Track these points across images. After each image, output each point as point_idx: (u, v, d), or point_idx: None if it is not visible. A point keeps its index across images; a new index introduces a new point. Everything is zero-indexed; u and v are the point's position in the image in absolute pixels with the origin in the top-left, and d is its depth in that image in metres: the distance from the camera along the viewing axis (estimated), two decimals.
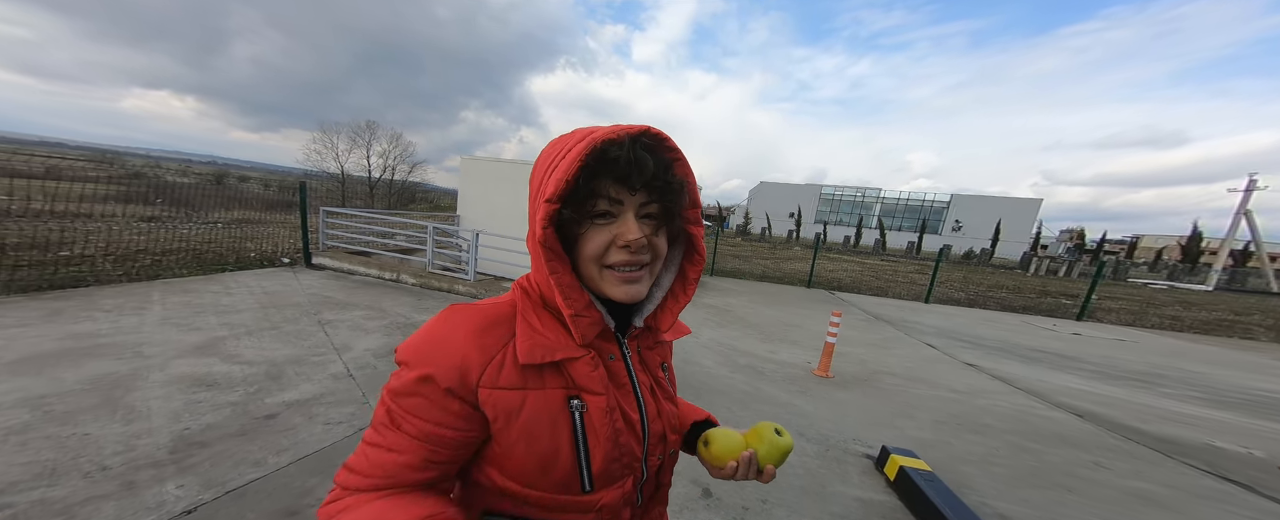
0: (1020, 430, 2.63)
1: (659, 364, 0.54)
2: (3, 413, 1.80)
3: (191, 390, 2.15)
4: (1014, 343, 5.24)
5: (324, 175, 18.40)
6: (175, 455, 1.65)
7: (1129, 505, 1.91)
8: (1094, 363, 4.55)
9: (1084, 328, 6.86)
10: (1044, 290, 11.95)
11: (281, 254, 5.63)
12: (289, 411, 2.05)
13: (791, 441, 0.52)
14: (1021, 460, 2.25)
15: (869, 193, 40.14)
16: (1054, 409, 3.06)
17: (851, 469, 2.03)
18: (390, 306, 4.03)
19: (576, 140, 0.40)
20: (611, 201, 0.41)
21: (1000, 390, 3.39)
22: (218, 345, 2.73)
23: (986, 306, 8.40)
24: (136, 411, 1.91)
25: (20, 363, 2.23)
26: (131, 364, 2.35)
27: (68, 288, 3.56)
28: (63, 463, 1.54)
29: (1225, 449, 2.58)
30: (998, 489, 1.94)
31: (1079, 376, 3.97)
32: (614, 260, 0.42)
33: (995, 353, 4.62)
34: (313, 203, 6.05)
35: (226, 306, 3.54)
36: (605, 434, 0.44)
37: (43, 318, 2.88)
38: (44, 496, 1.38)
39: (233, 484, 1.53)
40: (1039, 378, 3.81)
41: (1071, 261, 22.57)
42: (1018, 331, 6.02)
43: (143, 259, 4.63)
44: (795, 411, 2.62)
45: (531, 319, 0.45)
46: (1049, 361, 4.45)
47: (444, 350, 0.41)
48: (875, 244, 29.62)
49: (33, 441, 1.64)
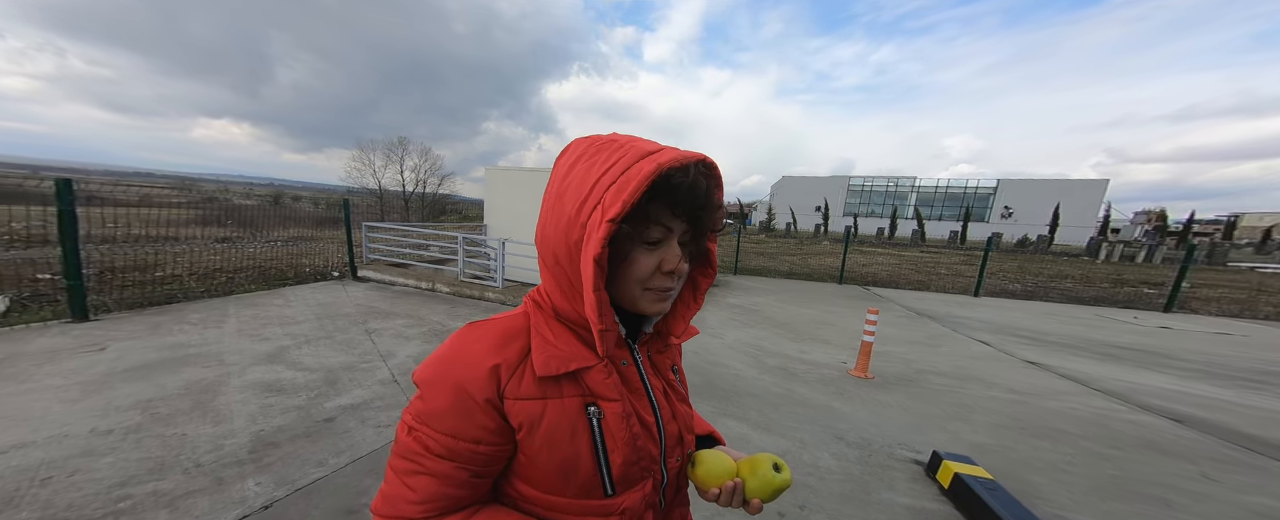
0: (1099, 436, 2.34)
1: (669, 367, 0.55)
2: (122, 414, 2.07)
3: (264, 395, 2.37)
4: (1086, 338, 4.68)
5: (364, 191, 19.89)
6: (254, 455, 1.82)
7: None
8: (1191, 360, 3.97)
9: (1174, 320, 6.03)
10: (1119, 278, 10.61)
11: (331, 268, 6.14)
12: (344, 415, 2.21)
13: (789, 479, 0.50)
14: (1102, 469, 2.00)
15: (903, 182, 37.69)
16: (1141, 412, 2.70)
17: (898, 475, 1.89)
18: (427, 315, 4.27)
19: (637, 157, 0.39)
20: (663, 229, 0.42)
21: (1072, 391, 3.04)
22: (283, 354, 3.00)
23: (1048, 298, 7.58)
24: (222, 414, 2.13)
25: (133, 370, 2.56)
26: (216, 371, 2.63)
27: (163, 304, 4.06)
28: (168, 459, 1.75)
29: None
30: (1075, 500, 1.74)
31: (1172, 376, 3.48)
32: (655, 285, 0.44)
33: (1062, 349, 4.16)
34: (355, 218, 6.55)
35: (288, 318, 3.90)
36: (623, 438, 0.45)
37: (147, 330, 3.29)
38: (155, 489, 1.57)
39: (300, 482, 1.67)
40: (1120, 377, 3.38)
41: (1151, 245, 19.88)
42: (1089, 325, 5.38)
43: (219, 276, 5.20)
44: (833, 414, 2.49)
45: (545, 332, 0.46)
46: (1132, 359, 3.93)
47: (466, 364, 0.43)
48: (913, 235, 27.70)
49: (145, 440, 1.87)
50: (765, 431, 2.23)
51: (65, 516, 1.41)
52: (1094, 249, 20.67)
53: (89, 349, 2.85)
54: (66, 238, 3.29)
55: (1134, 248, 19.90)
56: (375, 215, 15.37)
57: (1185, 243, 7.67)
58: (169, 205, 6.27)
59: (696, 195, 0.41)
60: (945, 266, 11.66)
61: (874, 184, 38.69)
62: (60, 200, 3.25)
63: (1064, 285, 9.16)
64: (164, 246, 5.78)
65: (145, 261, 5.00)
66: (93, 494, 1.52)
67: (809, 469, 1.91)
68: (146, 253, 5.22)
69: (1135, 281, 10.07)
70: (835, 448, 2.11)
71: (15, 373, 2.42)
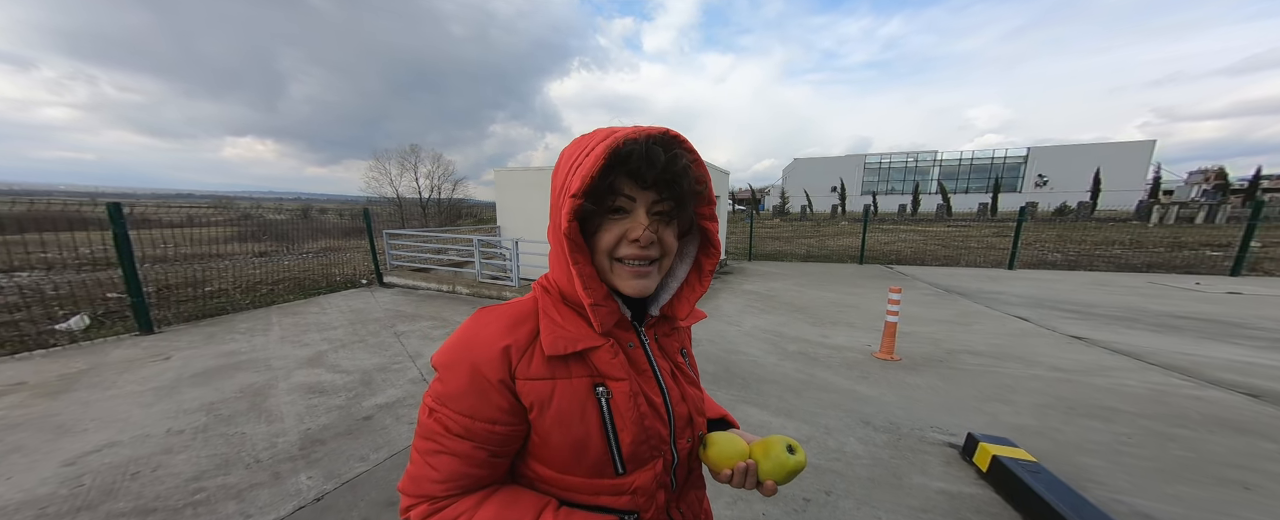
0: (1159, 414, 2.17)
1: (677, 350, 0.55)
2: (190, 416, 2.27)
3: (309, 396, 2.53)
4: (1140, 308, 4.34)
5: (383, 200, 20.63)
6: (304, 451, 1.96)
7: None
8: (1266, 328, 3.62)
9: (1244, 284, 5.49)
10: (1177, 242, 9.74)
11: (360, 276, 6.43)
12: (381, 413, 2.33)
13: (803, 460, 0.50)
14: (1166, 450, 1.85)
15: (923, 156, 35.75)
16: (1208, 387, 2.49)
17: (932, 459, 1.83)
18: (450, 315, 4.42)
19: (599, 139, 0.42)
20: (626, 198, 0.43)
21: (1125, 366, 2.83)
22: (323, 358, 3.18)
23: (1094, 267, 7.07)
24: (274, 414, 2.29)
25: (196, 376, 2.79)
26: (265, 375, 2.82)
27: (215, 315, 4.38)
28: (232, 456, 1.91)
29: None
30: (1134, 483, 1.62)
31: (1245, 347, 3.18)
32: (624, 254, 0.45)
33: (1113, 322, 3.87)
34: (377, 227, 6.80)
35: (325, 324, 4.12)
36: (631, 417, 0.47)
37: (203, 340, 3.57)
38: (223, 482, 1.72)
39: (346, 476, 1.78)
40: (1181, 350, 3.12)
41: (1212, 205, 18.09)
42: (1143, 295, 4.97)
43: (261, 288, 5.56)
44: (857, 397, 2.42)
45: (553, 314, 0.48)
46: (1195, 329, 3.62)
47: (480, 346, 0.45)
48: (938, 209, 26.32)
49: (212, 440, 2.04)
50: (787, 418, 2.20)
51: (153, 506, 1.57)
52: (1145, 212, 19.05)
53: (156, 358, 3.11)
54: (124, 258, 3.58)
55: (1191, 209, 18.21)
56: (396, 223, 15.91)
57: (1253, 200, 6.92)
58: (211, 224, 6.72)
59: (653, 163, 0.41)
60: (976, 240, 11.03)
61: (892, 161, 36.91)
62: (114, 224, 3.53)
63: (1112, 252, 8.48)
64: (210, 263, 6.22)
65: (196, 278, 5.40)
66: (173, 487, 1.69)
67: (834, 455, 1.87)
68: (196, 269, 5.63)
69: (1195, 244, 9.21)
70: (861, 432, 2.06)
71: (100, 380, 2.68)
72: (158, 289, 4.88)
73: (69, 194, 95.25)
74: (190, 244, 5.77)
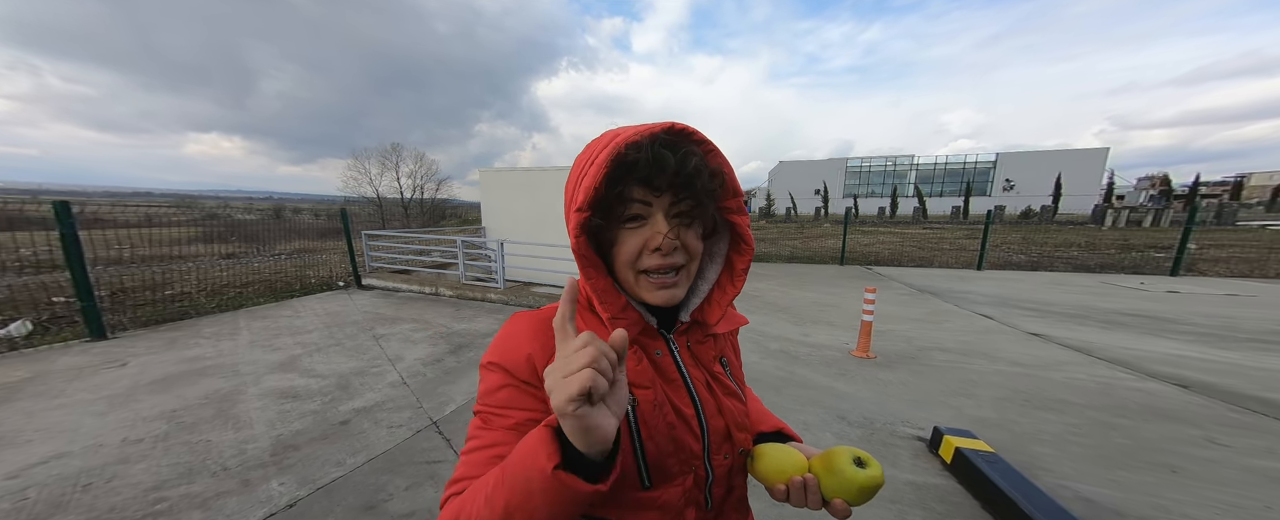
0: (1105, 405, 2.35)
1: (713, 358, 0.51)
2: (149, 424, 2.16)
3: (280, 401, 2.44)
4: (1091, 306, 4.67)
5: (362, 200, 19.90)
6: (275, 457, 1.90)
7: (1259, 488, 1.64)
8: (1197, 323, 3.96)
9: (1182, 283, 5.97)
10: (1126, 244, 10.49)
11: (337, 278, 6.20)
12: (358, 417, 2.27)
13: (879, 475, 0.42)
14: (1109, 438, 2.02)
15: (901, 160, 37.28)
16: (1147, 379, 2.71)
17: (901, 452, 1.93)
18: (433, 318, 4.32)
19: (602, 146, 0.40)
20: (640, 205, 0.41)
21: (1076, 361, 3.05)
22: (296, 362, 3.06)
23: (1053, 268, 7.53)
24: (242, 421, 2.21)
25: (155, 383, 2.64)
26: (233, 381, 2.70)
27: (176, 320, 4.14)
28: (196, 464, 1.83)
29: None
30: (1079, 470, 1.76)
31: (1180, 341, 3.48)
32: (648, 265, 0.42)
33: (1067, 319, 4.15)
34: (356, 227, 6.57)
35: (298, 328, 3.96)
36: (657, 427, 0.45)
37: (163, 346, 3.37)
38: (187, 491, 1.65)
39: (321, 482, 1.74)
40: (1125, 345, 3.38)
41: (1158, 210, 19.59)
42: (1095, 293, 5.35)
43: (228, 291, 5.28)
44: (834, 394, 2.52)
45: (577, 321, 0.47)
46: (1138, 325, 3.92)
47: (513, 348, 0.45)
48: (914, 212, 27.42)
49: (173, 448, 1.95)
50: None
51: (108, 518, 1.49)
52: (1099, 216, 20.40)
53: (111, 365, 2.93)
54: (72, 260, 3.35)
55: (1140, 213, 19.64)
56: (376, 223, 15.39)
57: (1191, 204, 7.54)
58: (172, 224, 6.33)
59: (662, 167, 0.39)
60: (948, 242, 11.58)
61: (872, 164, 38.30)
62: (61, 223, 3.30)
63: (1070, 254, 9.07)
64: (171, 265, 5.86)
65: (155, 281, 5.08)
66: (131, 498, 1.60)
67: None
68: (155, 272, 5.29)
69: (1142, 246, 9.95)
70: (838, 428, 2.15)
71: (46, 389, 2.50)
72: (112, 293, 4.57)
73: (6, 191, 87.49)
74: (148, 245, 5.42)
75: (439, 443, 2.06)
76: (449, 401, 2.48)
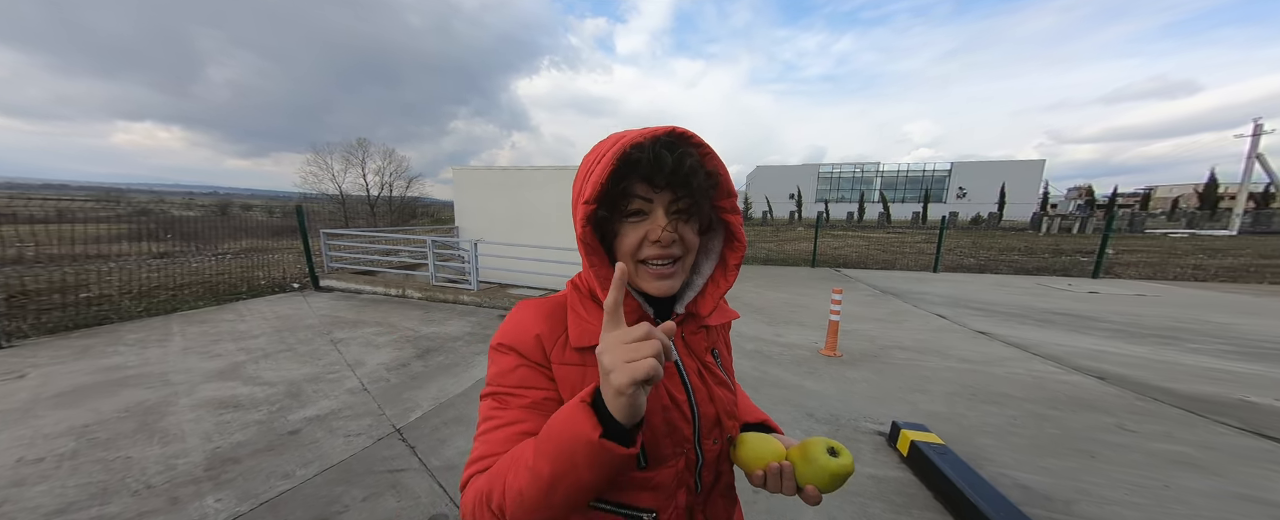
0: (1038, 398, 2.59)
1: (706, 349, 0.54)
2: (52, 441, 1.91)
3: (219, 412, 2.24)
4: (1028, 306, 5.14)
5: (323, 197, 18.59)
6: (211, 472, 1.74)
7: (1161, 469, 1.85)
8: (1114, 321, 4.46)
9: (1101, 285, 6.71)
10: (1058, 249, 11.68)
11: (290, 279, 5.75)
12: (311, 426, 2.12)
13: (849, 464, 0.45)
14: (1041, 429, 2.22)
15: (868, 167, 39.59)
16: (1073, 373, 3.01)
17: (863, 446, 2.03)
18: (399, 322, 4.10)
19: (609, 145, 0.44)
20: (642, 200, 0.45)
21: (1016, 357, 3.34)
22: (238, 369, 2.81)
23: (998, 271, 8.24)
24: (171, 434, 2.01)
25: (60, 396, 2.34)
26: (160, 392, 2.45)
27: (93, 326, 3.69)
28: (112, 483, 1.64)
29: (1261, 404, 2.49)
30: (1017, 459, 1.93)
31: (1098, 337, 3.89)
32: (647, 255, 0.46)
33: (1009, 318, 4.55)
34: (315, 225, 6.12)
35: (243, 333, 3.64)
36: (653, 411, 0.47)
37: (74, 355, 3.00)
38: (99, 514, 1.47)
39: (266, 496, 1.61)
40: (1056, 341, 3.74)
41: (1083, 218, 21.98)
42: (1032, 294, 5.91)
43: (160, 294, 4.76)
44: (804, 392, 2.62)
45: (579, 309, 0.50)
46: (1066, 323, 4.36)
47: (523, 330, 0.49)
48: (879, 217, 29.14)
49: (83, 466, 1.74)
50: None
51: None
52: (1036, 223, 22.58)
53: (7, 377, 2.58)
54: None
55: (1069, 220, 21.93)
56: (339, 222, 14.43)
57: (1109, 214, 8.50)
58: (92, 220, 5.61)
59: (661, 165, 0.42)
60: (909, 245, 12.39)
61: (842, 171, 40.36)
62: None
63: (1012, 258, 9.97)
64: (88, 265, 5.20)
65: (66, 283, 4.49)
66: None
67: None
68: (67, 273, 4.67)
69: (1071, 251, 11.11)
70: (806, 425, 2.23)
71: None
72: (8, 296, 3.99)
73: None
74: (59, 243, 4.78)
75: (402, 450, 1.95)
76: (414, 408, 2.36)
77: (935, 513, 1.58)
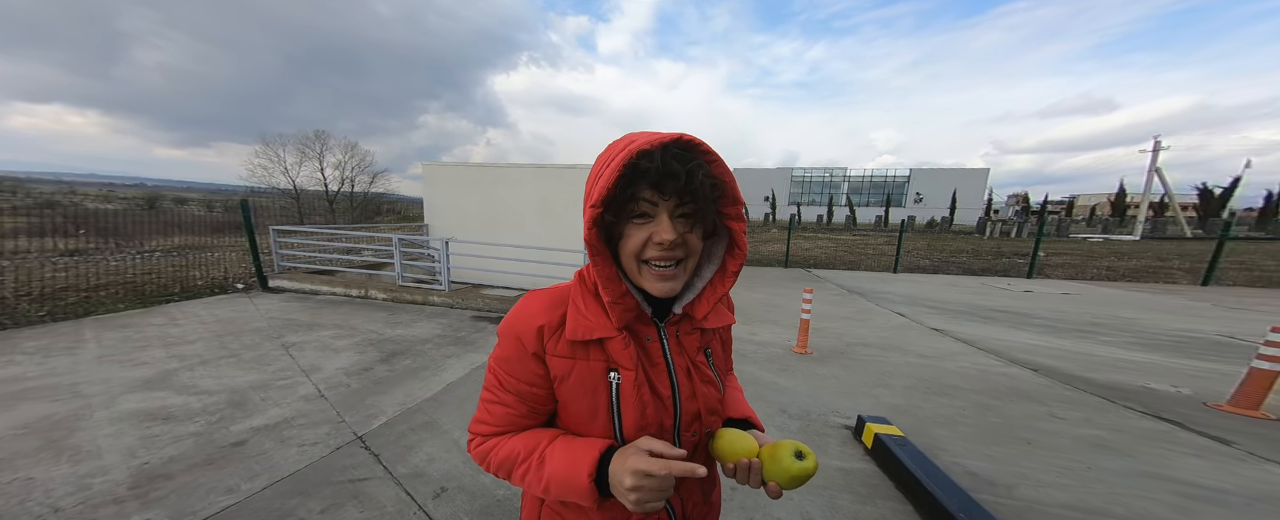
0: (983, 389, 2.83)
1: (698, 349, 0.57)
2: None
3: (144, 425, 2.00)
4: (975, 304, 5.62)
5: (274, 192, 17.02)
6: (136, 490, 1.56)
7: (1083, 452, 2.05)
8: (1044, 318, 4.96)
9: (1035, 284, 7.45)
10: (999, 251, 12.86)
11: (233, 280, 5.22)
12: (258, 437, 1.95)
13: (811, 467, 0.49)
14: (986, 418, 2.42)
15: (836, 172, 41.68)
16: (1011, 365, 3.32)
17: (831, 440, 2.14)
18: (361, 324, 3.84)
19: (618, 150, 0.45)
20: (649, 204, 0.46)
21: (964, 352, 3.63)
22: (169, 378, 2.53)
23: (949, 271, 8.95)
24: (84, 451, 1.78)
25: None
26: (69, 405, 2.15)
27: None
28: (9, 509, 1.44)
29: (1159, 390, 2.84)
30: (966, 447, 2.09)
31: (1032, 332, 4.32)
32: (650, 256, 0.48)
33: (959, 316, 4.95)
34: (265, 222, 5.59)
35: (175, 338, 3.27)
36: (633, 404, 0.51)
37: None
38: None
39: (205, 512, 1.47)
40: (998, 336, 4.11)
41: (1020, 223, 24.42)
42: (978, 293, 6.46)
43: (67, 296, 4.17)
44: (776, 389, 2.72)
45: (579, 303, 0.53)
46: (1006, 320, 4.81)
47: (525, 322, 0.53)
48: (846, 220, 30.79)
49: None
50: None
51: None
52: (981, 227, 24.78)
53: None
54: None
55: (1009, 225, 24.26)
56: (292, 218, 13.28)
57: (1041, 220, 9.51)
58: None
59: (671, 174, 0.44)
60: (872, 247, 13.19)
61: (813, 174, 42.24)
62: None
63: (961, 259, 10.87)
64: None
65: None
66: None
67: None
68: None
69: (1010, 254, 12.27)
70: (779, 420, 2.32)
71: None
72: None
73: None
74: None
75: (365, 459, 1.83)
76: (378, 414, 2.22)
77: (897, 501, 1.68)
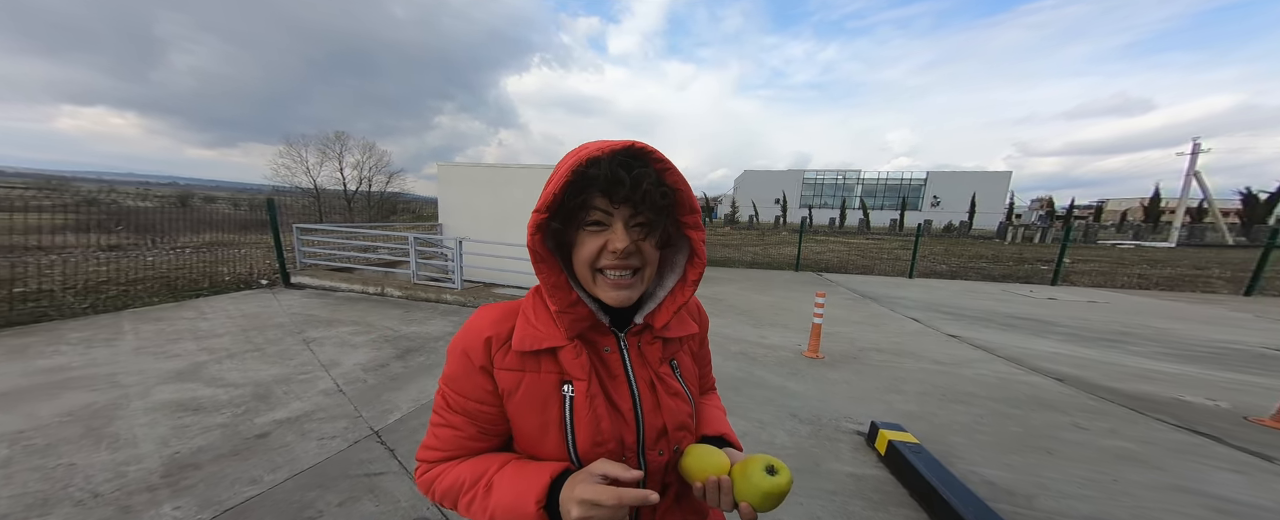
0: (1003, 397, 2.74)
1: (661, 360, 0.54)
2: None
3: (176, 415, 2.10)
4: (994, 311, 5.44)
5: (297, 191, 17.69)
6: (168, 478, 1.64)
7: (1108, 464, 1.99)
8: (1069, 326, 4.77)
9: (1059, 292, 7.17)
10: (1021, 258, 12.41)
11: (259, 275, 5.44)
12: (281, 429, 2.02)
13: (784, 484, 0.44)
14: (1005, 427, 2.34)
15: (849, 175, 40.92)
16: (1033, 374, 3.21)
17: (843, 446, 2.10)
18: (377, 320, 3.95)
19: (570, 158, 0.44)
20: (602, 213, 0.45)
21: (982, 359, 3.53)
22: (199, 370, 2.65)
23: (968, 277, 8.68)
24: (121, 439, 1.88)
25: None
26: (108, 394, 2.28)
27: (29, 324, 3.39)
28: (52, 493, 1.53)
29: (1193, 402, 2.71)
30: (984, 456, 2.03)
31: (1055, 340, 4.16)
32: (605, 264, 0.46)
33: (977, 322, 4.80)
34: (288, 220, 5.83)
35: (204, 331, 3.42)
36: (587, 417, 0.48)
37: (5, 355, 2.75)
38: None
39: (230, 502, 1.53)
40: (1018, 344, 3.98)
41: (1043, 229, 23.51)
42: (997, 300, 6.25)
43: (108, 290, 4.42)
44: (787, 393, 2.68)
45: (530, 314, 0.51)
46: (1027, 327, 4.64)
47: (472, 335, 0.50)
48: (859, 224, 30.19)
49: (17, 475, 1.60)
50: (727, 414, 2.36)
51: None
52: (1002, 232, 23.96)
53: None
54: None
55: (1032, 230, 23.39)
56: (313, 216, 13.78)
57: (1067, 226, 9.14)
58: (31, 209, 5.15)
59: (618, 182, 0.43)
60: (887, 252, 12.89)
61: (825, 177, 41.56)
62: None
63: (980, 265, 10.53)
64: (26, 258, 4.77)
65: None
66: None
67: (766, 447, 2.05)
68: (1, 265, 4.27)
69: (1033, 260, 11.83)
70: (789, 425, 2.29)
71: None
72: None
73: None
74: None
75: (381, 453, 1.88)
76: (393, 409, 2.28)
77: (911, 509, 1.64)
